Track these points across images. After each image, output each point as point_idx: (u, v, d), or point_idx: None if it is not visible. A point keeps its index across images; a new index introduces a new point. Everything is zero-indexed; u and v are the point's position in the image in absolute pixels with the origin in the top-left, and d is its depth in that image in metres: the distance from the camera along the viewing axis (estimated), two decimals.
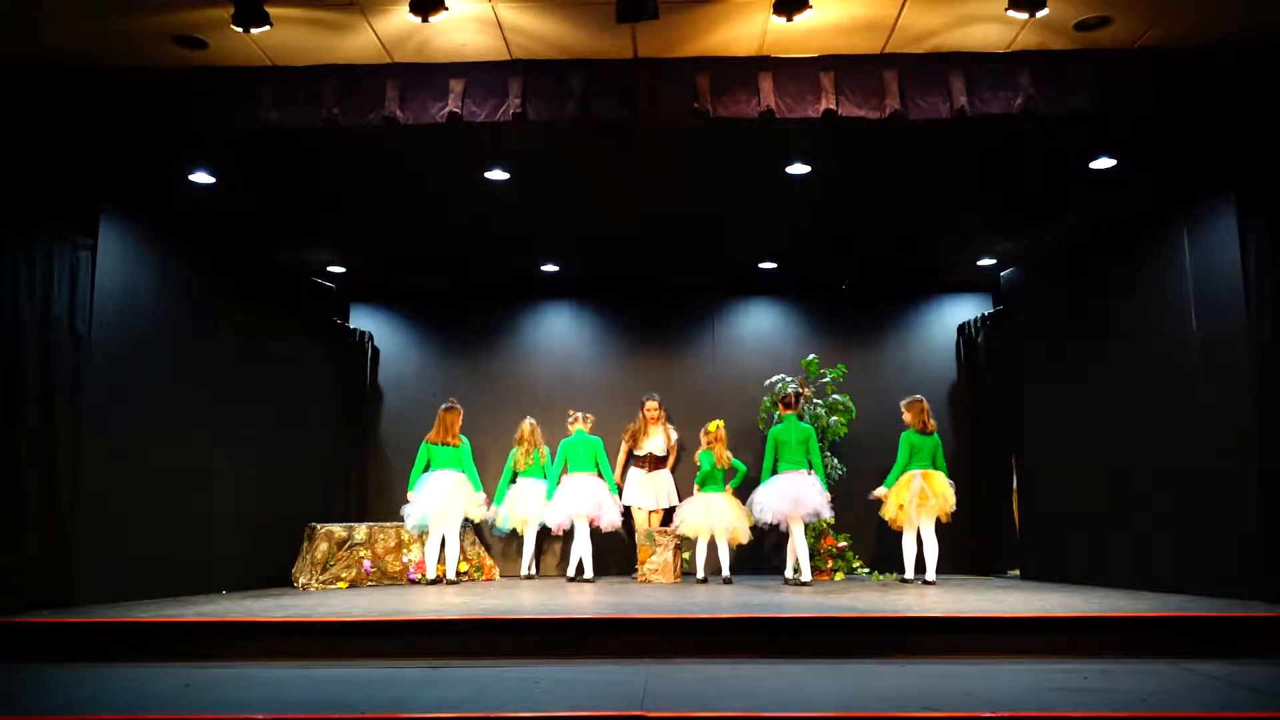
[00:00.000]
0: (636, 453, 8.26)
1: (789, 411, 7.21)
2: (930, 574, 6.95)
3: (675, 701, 3.43)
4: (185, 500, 6.47)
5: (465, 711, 3.32)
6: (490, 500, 7.81)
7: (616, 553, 8.41)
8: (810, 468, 7.05)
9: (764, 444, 7.29)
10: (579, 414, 7.85)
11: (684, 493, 8.06)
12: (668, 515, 7.99)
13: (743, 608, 5.20)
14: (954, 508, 6.99)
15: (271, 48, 5.05)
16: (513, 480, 8.08)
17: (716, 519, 7.25)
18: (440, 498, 7.18)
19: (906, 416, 7.20)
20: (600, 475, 7.64)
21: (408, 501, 7.29)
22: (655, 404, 8.24)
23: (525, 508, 7.84)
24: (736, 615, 4.87)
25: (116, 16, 4.71)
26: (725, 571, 7.28)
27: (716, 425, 7.56)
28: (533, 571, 8.05)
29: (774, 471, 7.09)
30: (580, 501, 7.50)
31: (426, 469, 7.38)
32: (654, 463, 8.22)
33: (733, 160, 6.12)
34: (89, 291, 5.83)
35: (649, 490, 8.13)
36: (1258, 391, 5.37)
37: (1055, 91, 5.09)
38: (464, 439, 7.47)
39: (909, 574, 7.08)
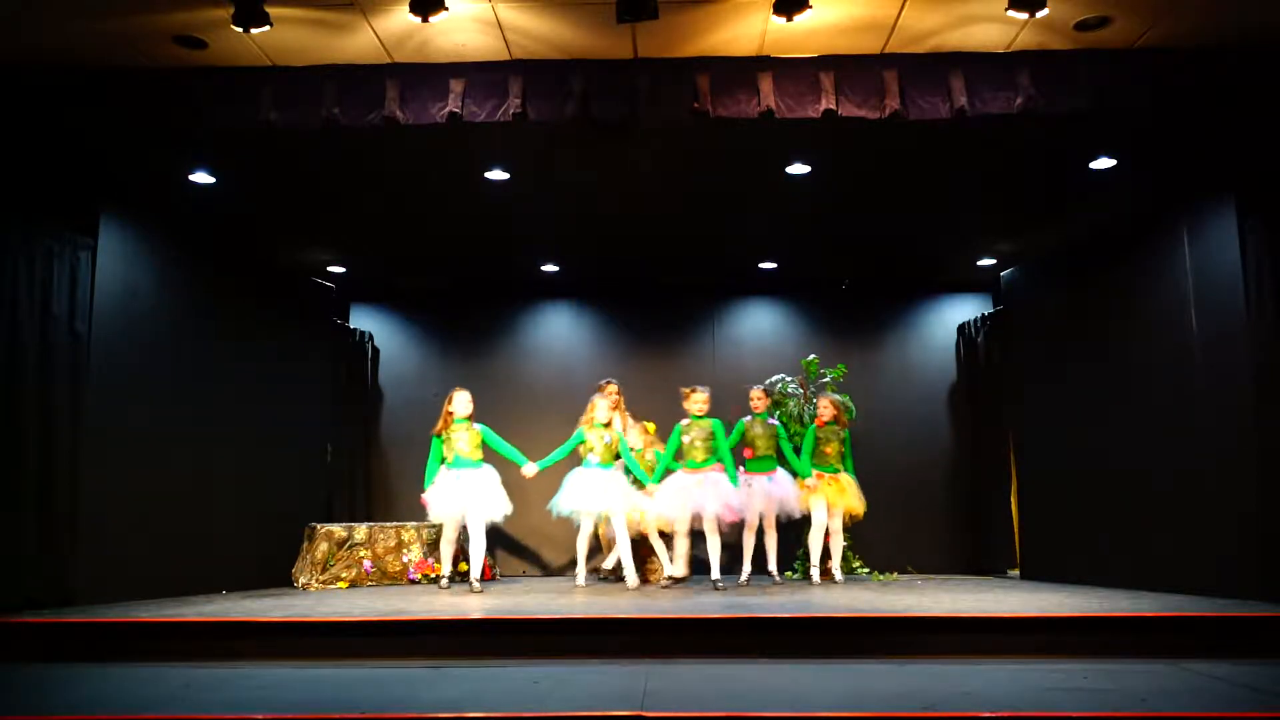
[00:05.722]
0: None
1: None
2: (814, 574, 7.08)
3: (675, 701, 3.43)
4: (185, 500, 6.47)
5: (465, 711, 3.33)
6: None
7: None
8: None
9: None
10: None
11: None
12: None
13: (742, 608, 5.20)
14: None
15: (271, 48, 5.05)
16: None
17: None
18: (456, 495, 6.56)
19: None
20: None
21: (422, 502, 6.70)
22: (616, 387, 7.41)
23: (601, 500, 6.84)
24: (736, 615, 4.86)
25: (116, 16, 4.71)
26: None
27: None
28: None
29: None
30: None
31: (442, 463, 6.71)
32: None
33: (733, 160, 6.12)
34: (89, 291, 5.84)
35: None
36: (1257, 391, 5.38)
37: (1055, 91, 5.09)
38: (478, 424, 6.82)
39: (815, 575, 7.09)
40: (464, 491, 6.58)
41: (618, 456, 6.93)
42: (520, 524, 7.88)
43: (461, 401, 6.72)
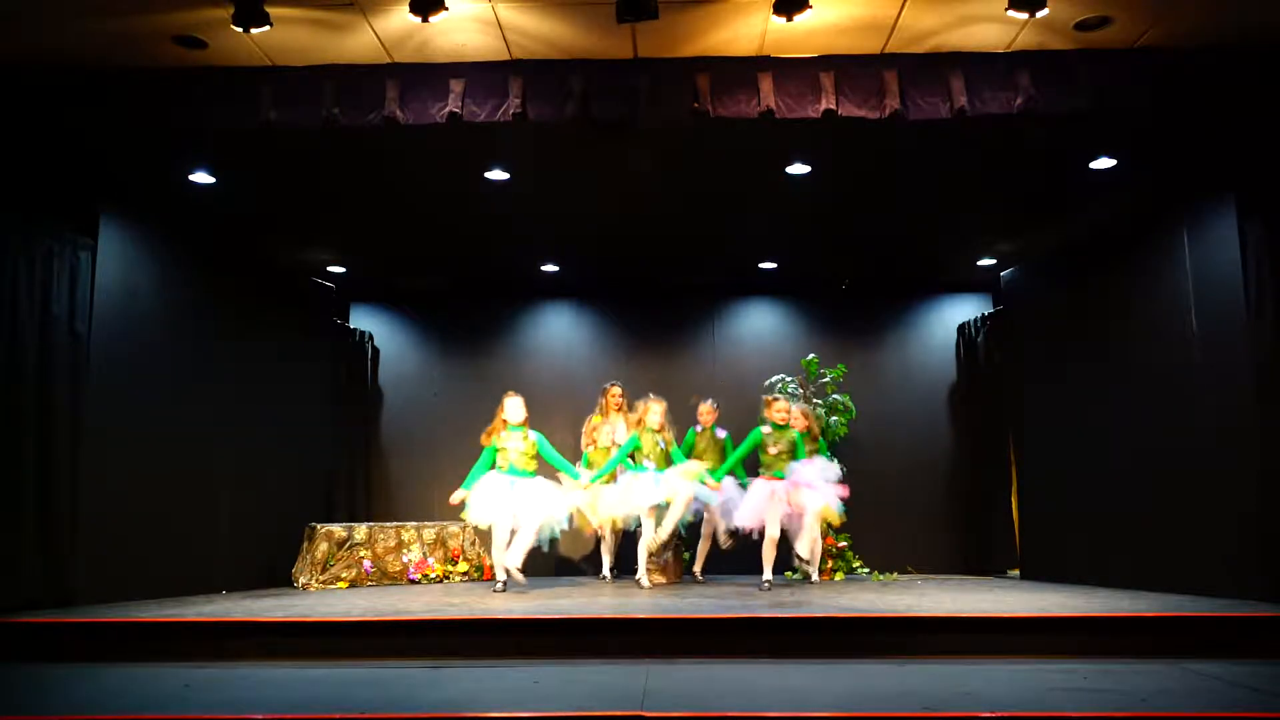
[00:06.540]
0: (596, 446, 7.44)
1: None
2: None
3: (675, 701, 3.43)
4: (185, 500, 6.47)
5: (465, 711, 3.33)
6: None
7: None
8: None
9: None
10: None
11: None
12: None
13: (743, 608, 5.20)
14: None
15: (271, 48, 5.05)
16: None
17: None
18: (506, 500, 6.32)
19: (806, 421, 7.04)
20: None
21: (457, 500, 6.46)
22: (619, 390, 7.48)
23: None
24: (736, 615, 4.87)
25: (116, 16, 4.71)
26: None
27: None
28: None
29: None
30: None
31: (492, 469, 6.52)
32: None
33: (733, 160, 6.12)
34: (89, 291, 5.84)
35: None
36: (1257, 391, 5.38)
37: (1055, 91, 5.09)
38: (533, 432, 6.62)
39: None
40: (515, 497, 6.32)
41: (669, 460, 6.88)
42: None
43: (514, 407, 6.53)
